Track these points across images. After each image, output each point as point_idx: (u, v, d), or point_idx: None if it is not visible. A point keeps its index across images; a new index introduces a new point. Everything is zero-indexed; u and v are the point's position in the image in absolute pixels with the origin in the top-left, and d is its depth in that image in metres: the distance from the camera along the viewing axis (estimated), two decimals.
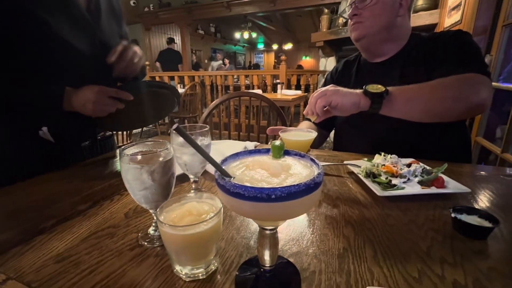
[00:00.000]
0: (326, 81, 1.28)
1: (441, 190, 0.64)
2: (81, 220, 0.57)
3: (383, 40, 1.00)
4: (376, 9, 0.95)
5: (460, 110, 0.79)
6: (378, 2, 0.94)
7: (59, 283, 0.40)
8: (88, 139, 1.01)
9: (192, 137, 0.58)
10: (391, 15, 0.96)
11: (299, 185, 0.28)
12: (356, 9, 0.99)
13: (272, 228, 0.36)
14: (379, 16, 0.96)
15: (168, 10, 7.02)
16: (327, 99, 0.80)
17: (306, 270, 0.42)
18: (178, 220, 0.39)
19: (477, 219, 0.51)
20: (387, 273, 0.41)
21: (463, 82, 0.80)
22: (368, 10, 0.96)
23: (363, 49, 1.09)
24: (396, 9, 0.96)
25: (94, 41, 0.88)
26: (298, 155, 0.38)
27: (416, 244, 0.48)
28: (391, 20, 0.97)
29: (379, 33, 0.98)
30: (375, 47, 1.04)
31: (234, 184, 0.29)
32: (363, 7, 0.97)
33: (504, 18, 1.78)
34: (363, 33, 1.00)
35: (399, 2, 0.96)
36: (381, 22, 0.96)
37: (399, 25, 0.99)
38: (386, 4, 0.95)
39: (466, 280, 0.39)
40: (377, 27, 0.97)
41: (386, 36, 0.99)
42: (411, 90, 0.81)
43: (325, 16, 4.29)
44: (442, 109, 0.80)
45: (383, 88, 0.79)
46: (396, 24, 0.98)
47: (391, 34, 0.99)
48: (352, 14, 1.00)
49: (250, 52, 14.92)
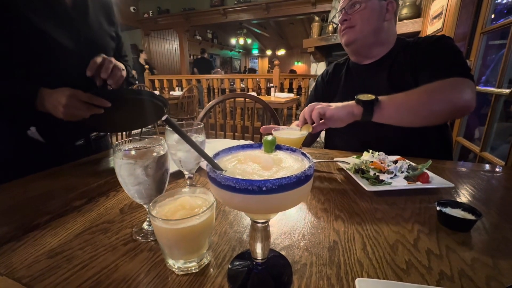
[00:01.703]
0: (317, 83, 1.27)
1: (426, 185, 0.63)
2: (76, 216, 0.55)
3: (372, 44, 1.01)
4: (365, 14, 0.96)
5: (446, 113, 0.80)
6: (367, 7, 0.95)
7: (51, 279, 0.38)
8: (81, 139, 0.96)
9: (188, 134, 0.56)
10: (378, 20, 0.97)
11: (290, 177, 0.27)
12: (346, 15, 0.99)
13: (264, 221, 0.35)
14: (368, 21, 0.96)
15: (167, 16, 6.98)
16: (322, 110, 0.80)
17: (298, 263, 0.41)
18: (171, 214, 0.38)
19: (460, 212, 0.50)
20: (376, 265, 0.40)
21: (447, 86, 0.80)
22: (357, 15, 0.97)
23: (353, 53, 1.08)
24: (383, 14, 0.97)
25: (79, 39, 0.83)
26: (289, 149, 0.37)
27: (404, 236, 0.47)
28: (379, 24, 0.97)
29: (368, 36, 0.98)
30: (364, 51, 1.04)
31: (225, 177, 0.27)
32: (353, 12, 0.97)
33: (482, 26, 1.81)
34: (353, 37, 1.00)
35: (386, 7, 0.97)
36: (369, 26, 0.97)
37: (386, 29, 0.99)
38: (374, 10, 0.96)
39: (452, 271, 0.38)
40: (366, 31, 0.98)
41: (374, 39, 0.99)
42: (399, 98, 0.81)
43: (316, 24, 4.31)
44: (429, 112, 0.80)
45: (373, 97, 0.80)
46: (383, 29, 0.98)
47: (379, 38, 1.00)
48: (342, 19, 1.00)
49: (245, 57, 14.90)
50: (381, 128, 0.86)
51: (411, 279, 0.37)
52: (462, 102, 0.78)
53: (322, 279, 0.37)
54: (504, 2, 1.90)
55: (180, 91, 4.61)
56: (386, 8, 0.97)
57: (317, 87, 1.25)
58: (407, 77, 0.93)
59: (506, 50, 1.45)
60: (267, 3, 5.65)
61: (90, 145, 0.99)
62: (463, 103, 0.78)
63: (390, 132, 0.93)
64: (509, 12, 1.71)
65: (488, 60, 1.85)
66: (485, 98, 1.67)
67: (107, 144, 1.11)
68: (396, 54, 1.00)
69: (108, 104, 0.72)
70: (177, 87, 5.14)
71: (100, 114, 0.74)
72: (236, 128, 3.55)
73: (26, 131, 0.79)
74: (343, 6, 1.00)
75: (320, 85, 1.24)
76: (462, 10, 1.95)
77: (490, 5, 1.79)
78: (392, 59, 1.00)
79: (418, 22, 2.78)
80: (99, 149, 1.04)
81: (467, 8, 1.94)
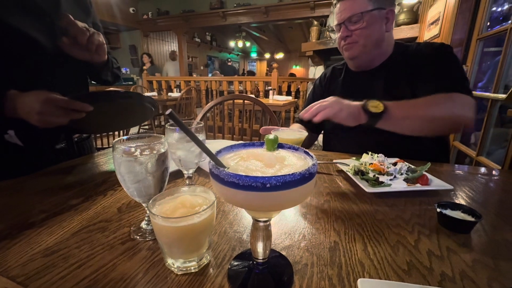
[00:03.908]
0: (315, 86, 1.26)
1: (425, 187, 0.63)
2: (73, 215, 0.54)
3: (374, 56, 1.00)
4: (366, 30, 0.93)
5: (447, 128, 0.82)
6: (368, 23, 0.92)
7: (46, 277, 0.37)
8: (63, 142, 0.90)
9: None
10: (380, 32, 0.95)
11: (294, 174, 0.26)
12: (346, 31, 0.96)
13: (266, 220, 0.34)
14: (370, 36, 0.94)
15: (166, 18, 6.98)
16: (328, 112, 0.78)
17: (299, 263, 0.40)
18: (171, 213, 0.37)
19: (460, 214, 0.51)
20: (377, 265, 0.40)
21: (452, 103, 0.81)
22: (359, 32, 0.94)
23: (354, 65, 1.07)
24: (383, 25, 0.94)
25: (53, 32, 0.76)
26: (292, 148, 0.37)
27: (404, 238, 0.47)
28: (381, 36, 0.96)
29: (371, 50, 0.97)
30: (366, 63, 1.03)
31: (228, 173, 0.27)
32: (354, 29, 0.94)
33: (478, 32, 1.84)
34: (356, 53, 0.98)
35: (385, 17, 0.94)
36: (372, 41, 0.95)
37: (387, 38, 0.98)
38: (375, 24, 0.93)
39: (453, 272, 0.38)
40: (369, 46, 0.96)
41: (377, 52, 0.99)
42: (406, 108, 0.81)
43: (315, 28, 4.35)
44: (433, 126, 0.82)
45: (382, 107, 0.77)
46: (384, 39, 0.97)
47: (380, 49, 0.99)
48: (344, 35, 0.97)
49: (244, 60, 14.95)
50: (380, 132, 0.87)
51: (413, 279, 0.37)
52: (464, 119, 0.81)
53: (323, 279, 0.37)
54: (499, 10, 1.93)
55: (178, 93, 4.60)
56: (386, 17, 0.94)
57: (315, 90, 1.25)
58: (404, 84, 0.93)
59: (502, 56, 1.47)
60: (267, 6, 5.69)
61: (73, 148, 0.93)
62: (465, 121, 0.81)
63: (389, 136, 0.93)
64: (505, 19, 1.74)
65: (484, 66, 1.87)
66: (481, 103, 1.69)
67: (90, 146, 1.05)
68: (394, 60, 0.99)
69: (90, 108, 0.66)
70: (175, 88, 5.13)
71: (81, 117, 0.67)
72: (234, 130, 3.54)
73: (3, 135, 0.73)
74: (341, 21, 0.96)
75: (318, 88, 1.24)
76: (459, 17, 1.98)
77: (486, 12, 1.82)
78: (390, 66, 0.99)
79: (416, 28, 2.82)
80: (82, 152, 0.98)
81: (463, 14, 1.97)
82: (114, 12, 6.39)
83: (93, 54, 0.78)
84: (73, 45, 0.74)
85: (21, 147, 0.76)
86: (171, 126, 0.55)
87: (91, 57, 0.79)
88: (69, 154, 0.91)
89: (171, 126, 0.55)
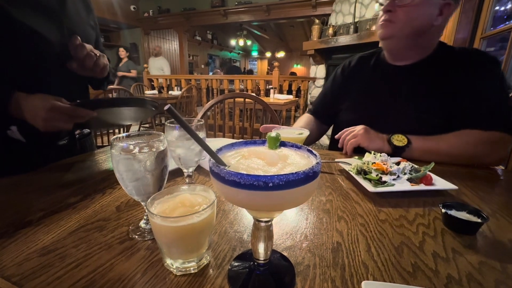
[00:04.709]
0: (335, 76, 1.16)
1: (429, 187, 0.62)
2: (70, 213, 0.53)
3: (408, 46, 0.91)
4: (413, 11, 0.83)
5: (473, 163, 0.81)
6: (418, 5, 0.82)
7: (42, 277, 0.36)
8: (65, 138, 0.90)
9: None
10: (425, 22, 0.85)
11: (297, 173, 0.25)
12: (392, 5, 0.86)
13: (267, 220, 0.33)
14: (412, 21, 0.84)
15: (167, 16, 6.97)
16: (357, 141, 0.86)
17: (301, 264, 0.39)
18: (170, 212, 0.36)
19: (466, 214, 0.49)
20: (381, 267, 0.39)
21: (484, 143, 0.79)
22: (404, 10, 0.84)
23: (385, 48, 0.99)
24: (433, 16, 0.84)
25: (63, 30, 0.76)
26: (294, 146, 0.36)
27: (409, 238, 0.46)
28: (424, 27, 0.85)
29: (407, 38, 0.88)
30: (397, 51, 0.95)
31: (229, 172, 0.26)
32: (401, 4, 0.84)
33: (482, 31, 1.82)
34: (390, 33, 0.89)
35: (440, 9, 0.83)
36: (412, 27, 0.85)
37: (431, 34, 0.88)
38: (424, 9, 0.83)
39: (459, 275, 0.37)
40: (406, 31, 0.86)
41: (413, 42, 0.89)
42: (430, 144, 0.83)
43: (316, 26, 4.32)
44: (454, 162, 0.82)
45: (405, 141, 0.82)
46: (427, 32, 0.87)
47: (419, 41, 0.89)
48: (386, 8, 0.87)
49: (244, 59, 14.92)
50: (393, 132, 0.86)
51: (418, 282, 0.36)
52: (492, 161, 0.81)
53: (326, 281, 0.36)
54: (503, 9, 1.92)
55: (179, 91, 4.59)
56: (440, 10, 0.83)
57: (335, 79, 1.16)
58: (438, 90, 0.87)
59: (506, 55, 1.45)
60: (268, 5, 5.67)
61: (75, 144, 0.93)
62: (493, 162, 0.81)
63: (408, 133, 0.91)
64: (509, 18, 1.72)
65: None
66: None
67: (91, 143, 1.05)
68: (433, 62, 0.91)
69: (93, 115, 0.69)
70: (176, 87, 5.12)
71: None
72: (235, 129, 3.53)
73: (6, 131, 0.72)
74: None
75: (338, 77, 1.14)
76: (462, 16, 1.96)
77: (490, 11, 1.81)
78: (427, 67, 0.91)
79: None
80: (83, 149, 0.98)
81: (466, 13, 1.96)
82: (115, 10, 6.38)
83: (96, 74, 0.83)
84: (79, 68, 0.78)
85: (23, 143, 0.76)
86: (170, 123, 0.54)
87: (94, 76, 0.83)
88: (71, 151, 0.91)
89: (170, 124, 0.54)
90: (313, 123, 1.19)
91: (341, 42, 3.66)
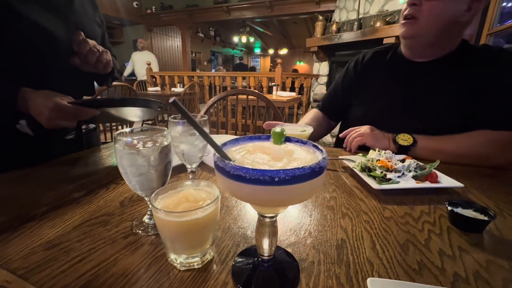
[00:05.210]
0: (347, 70, 1.12)
1: (435, 185, 0.61)
2: (75, 208, 0.53)
3: (431, 44, 0.87)
4: (439, 6, 0.79)
5: (482, 164, 0.79)
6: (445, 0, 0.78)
7: (47, 271, 0.36)
8: (72, 133, 0.91)
9: (191, 127, 0.54)
10: (451, 19, 0.80)
11: (304, 168, 0.25)
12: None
13: (272, 216, 0.33)
14: (438, 17, 0.80)
15: (170, 12, 6.95)
16: (363, 140, 0.87)
17: (305, 261, 0.39)
18: (174, 207, 0.36)
19: (472, 212, 0.49)
20: (386, 264, 0.38)
21: (497, 144, 0.77)
22: (430, 5, 0.80)
23: (406, 47, 0.95)
24: (459, 12, 0.79)
25: (69, 27, 0.77)
26: (299, 141, 0.35)
27: (414, 236, 0.45)
28: (449, 25, 0.81)
29: (430, 36, 0.84)
30: (419, 49, 0.91)
31: (234, 166, 0.26)
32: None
33: (488, 27, 1.79)
34: (413, 32, 0.86)
35: (468, 4, 0.78)
36: (437, 24, 0.81)
37: (456, 31, 0.84)
38: (452, 4, 0.79)
39: (466, 273, 0.37)
40: (430, 29, 0.82)
41: (436, 40, 0.85)
42: (436, 143, 0.82)
43: (320, 23, 4.28)
44: (462, 162, 0.80)
45: (411, 141, 0.82)
46: (452, 30, 0.83)
47: (442, 39, 0.85)
48: (411, 2, 0.83)
49: (247, 56, 14.86)
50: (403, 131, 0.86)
51: (424, 280, 0.36)
52: (505, 162, 0.78)
53: (330, 277, 0.36)
54: (510, 5, 1.88)
55: (182, 88, 4.59)
56: (468, 5, 0.78)
57: (347, 75, 1.12)
58: (457, 89, 0.84)
59: None
60: (271, 1, 5.62)
61: (82, 139, 0.94)
62: (501, 163, 0.78)
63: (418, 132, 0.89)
64: None
65: None
66: None
67: (97, 138, 1.06)
68: (454, 59, 0.87)
69: (97, 113, 0.70)
70: (179, 83, 5.12)
71: None
72: (237, 126, 3.53)
73: (15, 125, 0.73)
74: None
75: (350, 72, 1.10)
76: None
77: (497, 7, 1.77)
78: (447, 65, 0.87)
79: None
80: (90, 143, 0.99)
81: None
82: (117, 6, 6.37)
83: (99, 70, 0.83)
84: (82, 63, 0.78)
85: (32, 137, 0.77)
86: (174, 119, 0.54)
87: (97, 71, 0.83)
88: (78, 145, 0.92)
89: (174, 119, 0.53)
90: (321, 119, 1.17)
91: (345, 39, 3.62)
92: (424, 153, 0.81)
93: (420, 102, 0.91)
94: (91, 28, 0.88)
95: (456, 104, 0.85)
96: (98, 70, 0.83)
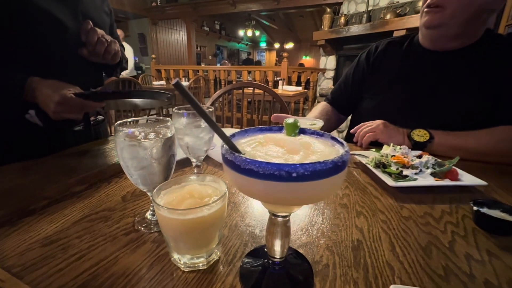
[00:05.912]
0: (359, 62, 1.07)
1: (456, 183, 0.57)
2: (75, 202, 0.51)
3: (457, 35, 0.80)
4: None
5: (503, 163, 0.75)
6: None
7: (43, 269, 0.34)
8: (80, 124, 0.89)
9: (197, 119, 0.51)
10: (480, 7, 0.74)
11: (325, 162, 0.22)
12: None
13: (285, 215, 0.30)
14: (466, 6, 0.74)
15: (175, 5, 6.88)
16: (375, 136, 0.82)
17: (319, 263, 0.36)
18: (178, 203, 0.33)
19: (500, 213, 0.45)
20: (409, 269, 0.35)
21: None
22: None
23: (429, 37, 0.87)
24: (491, 1, 0.74)
25: (77, 16, 0.77)
26: (315, 133, 0.32)
27: (436, 238, 0.42)
28: (478, 14, 0.75)
29: (457, 26, 0.78)
30: (442, 40, 0.84)
31: (246, 160, 0.22)
32: None
33: (507, 18, 1.71)
34: (438, 22, 0.79)
35: None
36: (465, 13, 0.75)
37: (482, 21, 0.78)
38: None
39: (499, 280, 0.33)
40: (459, 18, 0.76)
41: (462, 31, 0.79)
42: (455, 139, 0.77)
43: (327, 16, 4.17)
44: (482, 160, 0.76)
45: (427, 136, 0.77)
46: (479, 19, 0.77)
47: (468, 30, 0.79)
48: None
49: (252, 50, 14.70)
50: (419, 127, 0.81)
51: (452, 287, 0.32)
52: None
53: (348, 283, 0.33)
54: None
55: (187, 82, 4.56)
56: None
57: (358, 66, 1.06)
58: (482, 81, 0.80)
59: None
60: None
61: (90, 130, 0.93)
62: None
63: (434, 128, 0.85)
64: None
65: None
66: None
67: (105, 129, 1.05)
68: (478, 49, 0.81)
69: (102, 105, 0.71)
70: (184, 77, 5.09)
71: None
72: (243, 121, 3.49)
73: (24, 115, 0.73)
74: None
75: (362, 64, 1.05)
76: None
77: None
78: (470, 55, 0.82)
79: None
80: (98, 135, 0.98)
81: None
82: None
83: (108, 61, 0.82)
84: (91, 54, 0.77)
85: (40, 128, 0.76)
86: (178, 110, 0.51)
87: (105, 62, 0.82)
88: (86, 137, 0.91)
89: (178, 110, 0.50)
90: (330, 113, 1.13)
91: (353, 32, 3.51)
92: (441, 149, 0.77)
93: (439, 95, 0.85)
94: (99, 18, 0.87)
95: (479, 98, 0.80)
96: (107, 61, 0.82)
